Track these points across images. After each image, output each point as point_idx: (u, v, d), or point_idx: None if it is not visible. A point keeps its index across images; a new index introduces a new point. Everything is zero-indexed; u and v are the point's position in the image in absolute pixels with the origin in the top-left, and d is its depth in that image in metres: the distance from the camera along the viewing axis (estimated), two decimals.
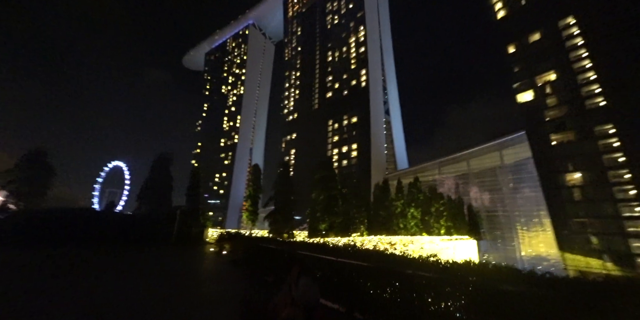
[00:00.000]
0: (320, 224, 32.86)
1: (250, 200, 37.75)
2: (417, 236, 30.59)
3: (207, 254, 22.56)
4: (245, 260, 16.40)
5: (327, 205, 33.46)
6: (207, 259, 20.07)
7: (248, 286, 11.91)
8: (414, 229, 36.05)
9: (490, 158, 62.74)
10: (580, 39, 51.73)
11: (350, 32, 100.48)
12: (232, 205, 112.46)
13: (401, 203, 36.97)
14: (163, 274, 13.84)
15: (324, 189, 34.56)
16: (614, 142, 44.46)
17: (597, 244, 41.97)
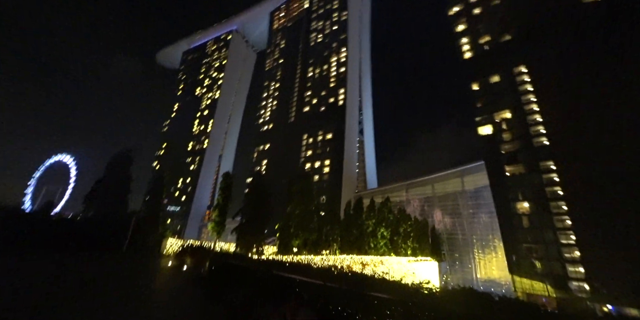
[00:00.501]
0: (293, 240, 31.81)
1: (218, 210, 34.50)
2: (386, 257, 31.57)
3: (164, 269, 20.16)
4: (211, 278, 14.40)
5: (303, 220, 32.48)
6: (164, 275, 17.23)
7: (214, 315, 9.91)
8: (383, 249, 36.94)
9: (453, 183, 67.61)
10: (530, 86, 59.43)
11: (332, 52, 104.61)
12: (193, 213, 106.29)
13: (372, 222, 37.70)
14: (102, 295, 10.91)
15: (301, 203, 33.44)
16: (554, 176, 50.69)
17: (540, 268, 46.60)
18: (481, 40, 70.46)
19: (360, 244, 34.60)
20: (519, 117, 57.73)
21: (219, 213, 33.44)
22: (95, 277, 14.63)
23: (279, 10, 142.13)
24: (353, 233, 34.90)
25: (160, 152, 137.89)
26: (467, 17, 75.50)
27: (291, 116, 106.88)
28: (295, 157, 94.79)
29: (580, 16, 56.98)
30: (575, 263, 44.78)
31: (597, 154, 47.10)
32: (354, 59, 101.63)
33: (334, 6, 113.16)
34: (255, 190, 35.10)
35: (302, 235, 31.59)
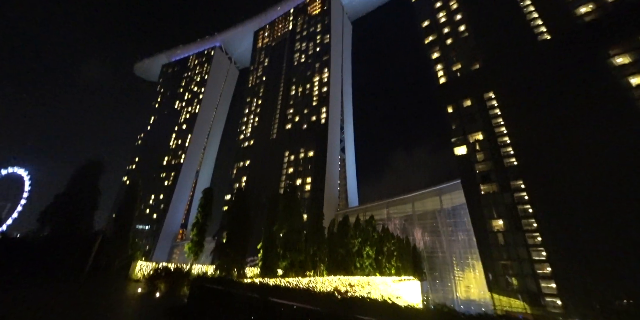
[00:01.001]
0: (279, 261, 30.09)
1: (197, 229, 31.90)
2: (372, 277, 31.03)
3: (133, 297, 17.07)
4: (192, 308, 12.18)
5: (290, 240, 30.75)
6: (132, 305, 14.33)
7: None
8: (368, 268, 36.28)
9: (432, 202, 69.51)
10: (498, 110, 64.27)
11: (315, 72, 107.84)
12: (165, 232, 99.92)
13: (358, 241, 37.14)
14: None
15: (287, 222, 31.75)
16: (524, 195, 53.76)
17: (516, 285, 47.92)
18: (454, 67, 76.11)
19: (346, 264, 33.69)
20: (490, 139, 61.62)
21: (197, 232, 31.01)
22: (44, 312, 11.61)
23: (263, 29, 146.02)
24: (339, 252, 33.92)
25: (132, 166, 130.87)
26: (440, 46, 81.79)
27: (273, 133, 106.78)
28: (276, 174, 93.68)
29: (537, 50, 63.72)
30: (548, 279, 46.61)
31: (561, 173, 50.85)
32: (336, 79, 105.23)
33: (317, 29, 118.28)
34: (237, 207, 32.70)
35: (290, 256, 29.92)
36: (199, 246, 30.42)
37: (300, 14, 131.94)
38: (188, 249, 30.06)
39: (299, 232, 31.43)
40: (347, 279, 24.05)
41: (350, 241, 35.85)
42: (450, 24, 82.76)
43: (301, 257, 30.28)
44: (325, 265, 33.07)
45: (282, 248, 30.52)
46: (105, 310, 13.13)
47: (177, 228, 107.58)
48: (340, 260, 34.27)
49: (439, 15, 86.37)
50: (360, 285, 22.55)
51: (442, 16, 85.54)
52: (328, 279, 23.17)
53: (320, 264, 32.20)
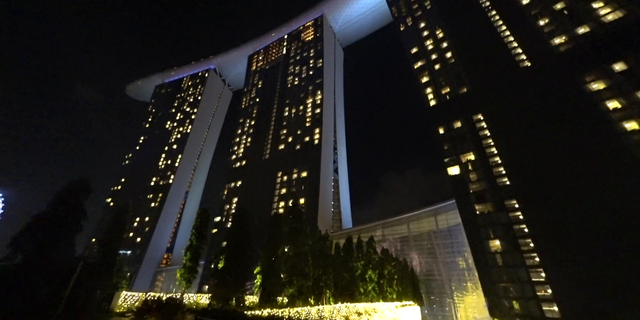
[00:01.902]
0: (285, 287, 27.64)
1: (190, 253, 29.00)
2: (377, 303, 29.24)
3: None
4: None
5: (296, 264, 28.40)
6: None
7: None
8: (371, 293, 34.36)
9: (427, 222, 68.84)
10: (487, 131, 66.46)
11: (308, 94, 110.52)
12: (149, 258, 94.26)
13: (361, 264, 35.46)
14: None
15: (293, 245, 29.67)
16: (519, 215, 53.98)
17: (518, 309, 46.39)
18: (443, 90, 79.53)
19: (351, 290, 31.63)
20: (482, 159, 62.93)
21: (191, 256, 28.22)
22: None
23: (257, 54, 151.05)
24: (344, 277, 32.05)
25: (117, 187, 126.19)
26: (429, 71, 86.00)
27: (265, 153, 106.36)
28: (268, 194, 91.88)
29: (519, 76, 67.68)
30: (549, 302, 45.45)
31: (553, 192, 51.69)
32: (329, 101, 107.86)
33: (311, 54, 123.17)
34: (236, 230, 30.33)
35: (297, 282, 27.57)
36: (192, 272, 27.21)
37: (294, 39, 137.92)
38: (180, 275, 27.39)
39: (305, 256, 29.58)
40: (355, 306, 22.44)
41: (353, 264, 34.17)
42: (437, 50, 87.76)
43: (309, 282, 28.30)
44: (332, 292, 30.84)
45: (287, 273, 28.39)
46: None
47: (162, 253, 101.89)
48: (344, 285, 32.21)
49: (427, 42, 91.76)
50: (368, 313, 21.04)
51: (430, 44, 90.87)
52: (336, 307, 21.38)
53: (326, 289, 30.20)
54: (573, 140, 53.52)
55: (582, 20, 65.13)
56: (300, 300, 26.74)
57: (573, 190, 49.63)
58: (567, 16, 68.62)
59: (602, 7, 63.65)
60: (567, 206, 49.19)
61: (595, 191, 47.54)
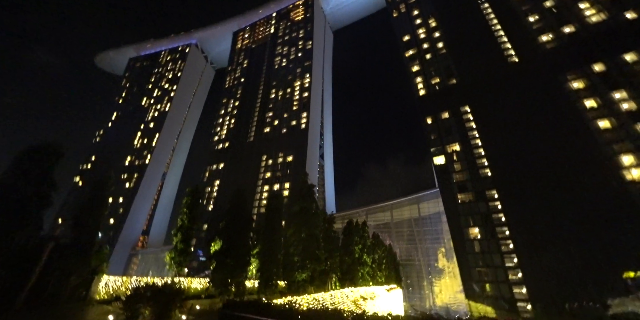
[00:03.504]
0: (297, 273, 26.07)
1: (181, 234, 26.85)
2: (373, 287, 29.56)
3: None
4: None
5: (308, 247, 26.71)
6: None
7: None
8: (365, 277, 34.95)
9: (409, 210, 70.87)
10: (473, 123, 68.17)
11: (296, 77, 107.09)
12: (123, 240, 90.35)
13: (359, 248, 35.66)
14: None
15: (305, 226, 27.70)
16: (498, 204, 56.76)
17: (491, 291, 49.69)
18: (432, 81, 79.88)
19: (353, 274, 31.77)
20: (466, 150, 64.78)
21: (182, 237, 26.15)
22: None
23: (243, 31, 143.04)
24: (346, 261, 32.14)
25: (87, 166, 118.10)
26: (420, 60, 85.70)
27: (250, 136, 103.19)
28: (252, 178, 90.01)
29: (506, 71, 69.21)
30: (519, 284, 49.00)
31: (529, 183, 54.54)
32: (317, 85, 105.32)
33: (300, 35, 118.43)
34: (235, 210, 27.79)
35: (311, 266, 26.08)
36: (184, 255, 25.63)
37: (282, 18, 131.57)
38: (170, 258, 25.29)
39: (318, 238, 28.15)
40: (357, 290, 22.43)
41: (353, 248, 34.23)
42: (429, 40, 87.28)
43: (321, 266, 27.06)
44: (338, 276, 30.64)
45: (299, 256, 26.92)
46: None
47: (137, 235, 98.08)
48: (345, 270, 32.23)
49: (419, 31, 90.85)
50: (370, 297, 21.11)
51: (422, 32, 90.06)
52: (344, 291, 21.04)
53: (332, 274, 29.40)
54: (552, 136, 56.19)
55: (569, 20, 66.93)
56: (313, 285, 25.73)
57: (549, 184, 52.59)
58: (555, 14, 70.24)
59: (587, 8, 65.53)
60: (542, 199, 52.22)
61: (568, 186, 50.69)
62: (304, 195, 31.03)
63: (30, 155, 21.80)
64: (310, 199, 30.75)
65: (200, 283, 25.81)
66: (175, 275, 25.50)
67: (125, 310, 13.97)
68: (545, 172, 53.85)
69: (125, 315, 13.68)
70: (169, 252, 26.04)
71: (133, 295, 14.85)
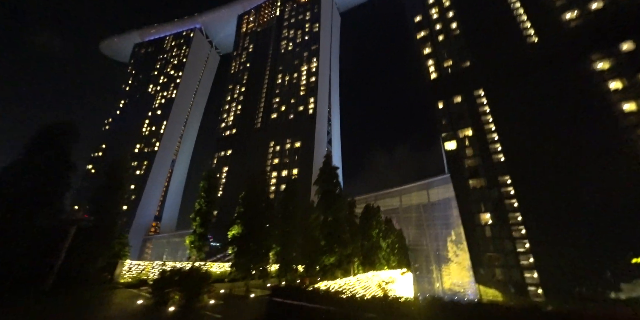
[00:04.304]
0: (325, 257, 25.32)
1: (200, 218, 26.92)
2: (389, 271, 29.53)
3: (134, 316, 11.64)
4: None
5: (334, 231, 25.92)
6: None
7: None
8: (382, 261, 35.08)
9: (418, 196, 70.29)
10: (487, 107, 65.89)
11: (303, 61, 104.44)
12: (136, 226, 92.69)
13: (376, 233, 35.54)
14: None
15: (330, 210, 26.86)
16: (510, 190, 55.69)
17: (501, 276, 49.68)
18: (445, 63, 76.83)
19: (372, 258, 31.83)
20: (479, 135, 63.04)
21: (201, 222, 25.99)
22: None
23: (248, 14, 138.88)
24: (365, 245, 31.85)
25: (98, 153, 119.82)
26: (432, 42, 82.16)
27: (257, 122, 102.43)
28: (260, 164, 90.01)
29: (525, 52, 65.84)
30: (530, 269, 48.79)
31: (544, 169, 53.11)
32: (324, 69, 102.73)
33: (307, 17, 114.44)
34: (255, 194, 27.33)
35: (338, 251, 25.26)
36: (204, 239, 25.93)
37: (288, 0, 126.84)
38: (190, 242, 25.54)
39: (343, 222, 27.18)
40: (379, 274, 22.43)
41: (371, 232, 34.03)
42: (442, 20, 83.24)
43: (348, 250, 26.29)
44: (360, 260, 30.23)
45: (325, 240, 26.19)
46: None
47: (150, 221, 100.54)
48: (364, 254, 32.08)
49: (432, 11, 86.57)
50: (392, 282, 21.02)
51: (435, 13, 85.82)
52: (368, 275, 20.94)
53: (354, 258, 28.64)
54: (572, 121, 53.90)
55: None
56: (340, 269, 25.31)
57: (565, 169, 51.04)
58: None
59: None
60: (557, 184, 50.88)
61: (585, 172, 49.06)
62: (326, 177, 30.02)
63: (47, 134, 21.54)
64: (333, 182, 29.90)
65: (219, 267, 26.09)
66: (196, 259, 25.71)
67: (153, 294, 14.13)
68: (561, 157, 52.20)
69: (154, 300, 13.73)
70: (188, 236, 26.28)
71: (161, 280, 15.01)
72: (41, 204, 21.01)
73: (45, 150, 22.63)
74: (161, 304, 13.17)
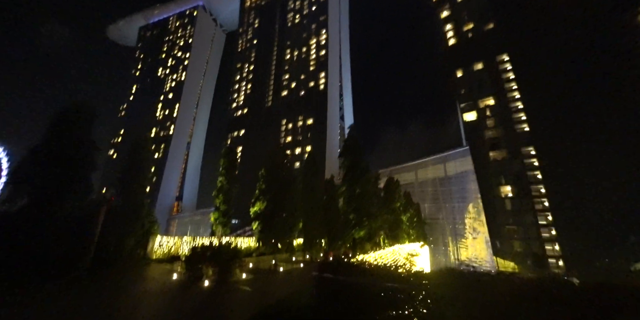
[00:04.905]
0: (354, 230, 25.33)
1: (222, 196, 26.69)
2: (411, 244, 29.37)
3: (170, 289, 11.70)
4: None
5: (363, 205, 25.89)
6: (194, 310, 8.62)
7: None
8: (403, 235, 35.07)
9: (434, 170, 68.50)
10: (511, 74, 61.02)
11: (311, 34, 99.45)
12: (159, 206, 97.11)
13: (398, 206, 35.22)
14: None
15: (357, 183, 26.54)
16: (534, 161, 52.97)
17: (521, 248, 48.89)
18: (465, 27, 70.74)
19: (397, 232, 31.79)
20: (501, 104, 59.18)
21: (224, 199, 26.01)
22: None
23: None
24: (388, 219, 31.77)
25: (118, 139, 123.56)
26: (450, 3, 75.24)
27: (268, 100, 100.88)
28: (273, 143, 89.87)
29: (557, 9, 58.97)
30: (552, 242, 47.55)
31: (572, 140, 49.65)
32: (334, 41, 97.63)
33: None
34: (275, 171, 26.97)
35: (369, 224, 25.15)
36: (228, 215, 26.10)
37: None
38: (214, 219, 25.79)
39: (371, 195, 26.97)
40: (403, 247, 22.28)
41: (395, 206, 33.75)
42: None
43: (378, 223, 26.21)
44: (386, 233, 29.94)
45: (355, 214, 25.91)
46: None
47: (171, 201, 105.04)
48: (389, 227, 31.69)
49: None
50: (417, 255, 20.85)
51: None
52: (395, 248, 20.85)
53: (380, 232, 28.23)
54: (612, 91, 48.73)
55: None
56: (370, 243, 25.15)
57: (595, 140, 47.33)
58: None
59: None
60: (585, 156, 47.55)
61: (617, 144, 45.26)
62: (352, 149, 29.19)
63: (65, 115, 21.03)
64: (358, 153, 29.13)
65: (243, 242, 26.64)
66: (221, 235, 26.17)
67: (187, 269, 14.24)
68: (592, 126, 48.29)
69: (188, 274, 13.85)
70: (212, 213, 26.62)
71: (193, 256, 15.12)
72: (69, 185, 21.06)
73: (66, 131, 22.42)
74: (196, 279, 13.42)
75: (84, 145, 21.56)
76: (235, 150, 28.24)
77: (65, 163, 20.04)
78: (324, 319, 5.31)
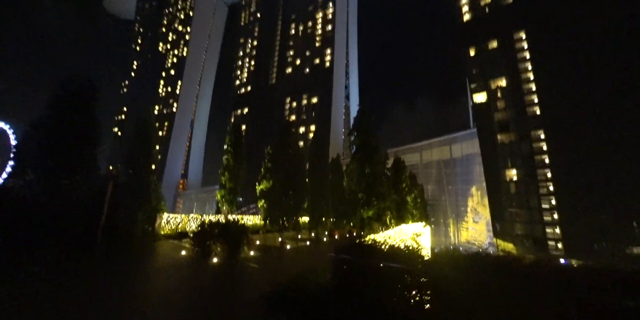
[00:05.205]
0: (363, 210, 25.43)
1: (228, 173, 26.08)
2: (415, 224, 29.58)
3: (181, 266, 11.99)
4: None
5: (372, 184, 25.49)
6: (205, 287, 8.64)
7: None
8: (408, 215, 35.58)
9: (439, 151, 67.94)
10: (528, 53, 58.10)
11: (317, 7, 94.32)
12: (166, 183, 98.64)
13: (404, 187, 35.34)
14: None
15: (367, 161, 26.04)
16: (543, 145, 52.07)
17: (522, 231, 49.62)
18: (482, 1, 66.34)
19: (402, 212, 32.14)
20: (513, 85, 57.06)
21: (230, 177, 25.60)
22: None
23: None
24: (395, 199, 31.17)
25: (122, 117, 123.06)
26: None
27: (272, 78, 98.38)
28: (277, 122, 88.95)
29: None
30: (553, 225, 48.05)
31: (585, 124, 48.29)
32: (341, 16, 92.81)
33: None
34: (283, 148, 26.74)
35: (378, 204, 24.96)
36: (234, 193, 25.86)
37: None
38: (221, 197, 25.63)
39: (381, 175, 26.73)
40: (409, 227, 22.39)
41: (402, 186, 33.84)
42: None
43: (386, 203, 26.11)
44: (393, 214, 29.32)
45: (364, 193, 25.79)
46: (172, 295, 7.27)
47: (177, 179, 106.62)
48: (396, 207, 31.49)
49: None
50: (421, 234, 21.03)
51: None
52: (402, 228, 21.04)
53: (387, 211, 27.65)
54: (628, 66, 46.40)
55: None
56: (379, 223, 25.37)
57: (609, 124, 45.83)
58: None
59: None
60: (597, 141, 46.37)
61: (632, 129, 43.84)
62: (363, 127, 28.51)
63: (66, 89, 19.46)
64: (370, 132, 28.49)
65: (249, 220, 26.93)
66: (227, 212, 26.32)
67: (195, 246, 14.20)
68: (608, 109, 46.60)
69: (196, 251, 13.85)
70: (219, 191, 26.59)
71: (201, 232, 14.98)
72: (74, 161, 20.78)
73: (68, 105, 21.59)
74: (205, 255, 13.48)
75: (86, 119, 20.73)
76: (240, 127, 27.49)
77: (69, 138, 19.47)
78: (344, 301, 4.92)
